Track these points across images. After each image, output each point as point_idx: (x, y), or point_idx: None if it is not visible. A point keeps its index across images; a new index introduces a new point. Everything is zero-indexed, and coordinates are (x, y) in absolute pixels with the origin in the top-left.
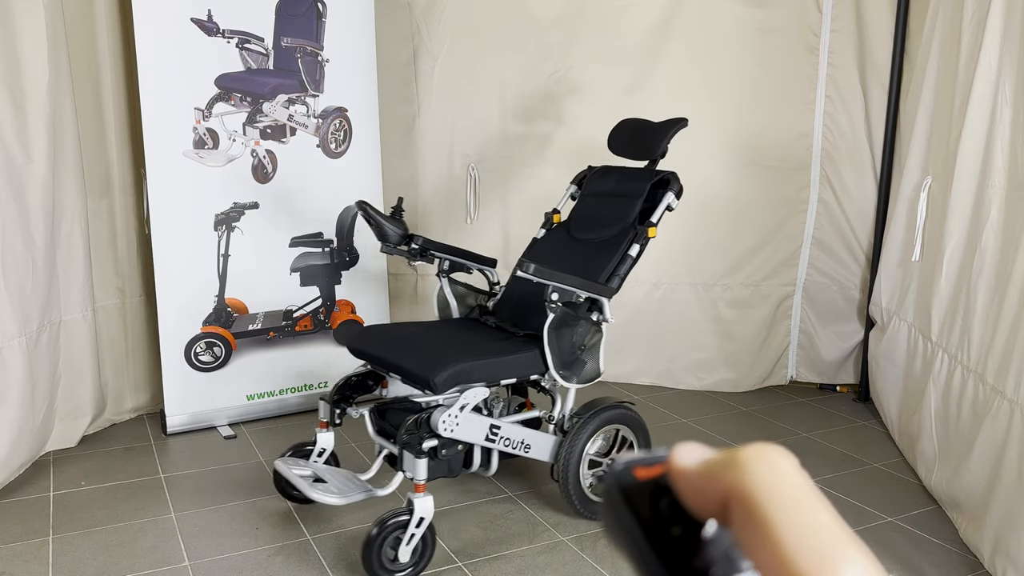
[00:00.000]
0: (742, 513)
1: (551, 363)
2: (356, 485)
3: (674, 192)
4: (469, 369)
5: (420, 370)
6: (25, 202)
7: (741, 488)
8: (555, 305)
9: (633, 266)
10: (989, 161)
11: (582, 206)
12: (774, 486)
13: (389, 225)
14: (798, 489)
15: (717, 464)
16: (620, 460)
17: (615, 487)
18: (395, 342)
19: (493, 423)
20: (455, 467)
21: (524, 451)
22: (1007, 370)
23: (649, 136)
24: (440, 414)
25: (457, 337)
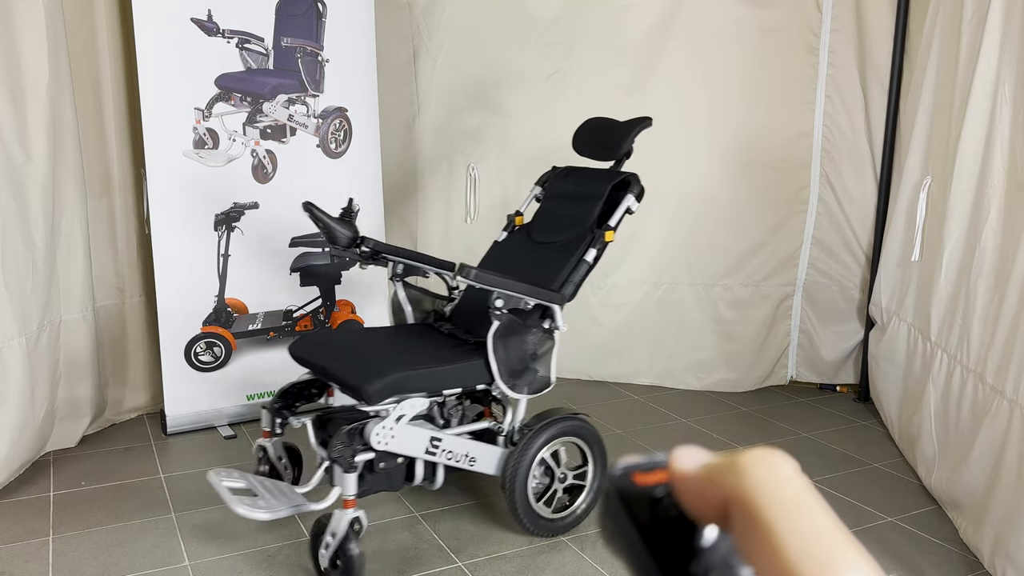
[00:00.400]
0: (743, 518)
1: (496, 373)
2: (289, 499)
3: (634, 194)
4: (407, 379)
5: (353, 379)
6: (25, 202)
7: (742, 493)
8: (499, 312)
9: (589, 271)
10: (988, 161)
11: (544, 208)
12: (775, 491)
13: (338, 226)
14: (799, 494)
15: (717, 468)
16: (619, 465)
17: (614, 492)
18: (334, 349)
19: (434, 435)
20: (395, 481)
21: (469, 464)
22: (1007, 370)
23: (612, 136)
24: (374, 426)
25: (403, 345)
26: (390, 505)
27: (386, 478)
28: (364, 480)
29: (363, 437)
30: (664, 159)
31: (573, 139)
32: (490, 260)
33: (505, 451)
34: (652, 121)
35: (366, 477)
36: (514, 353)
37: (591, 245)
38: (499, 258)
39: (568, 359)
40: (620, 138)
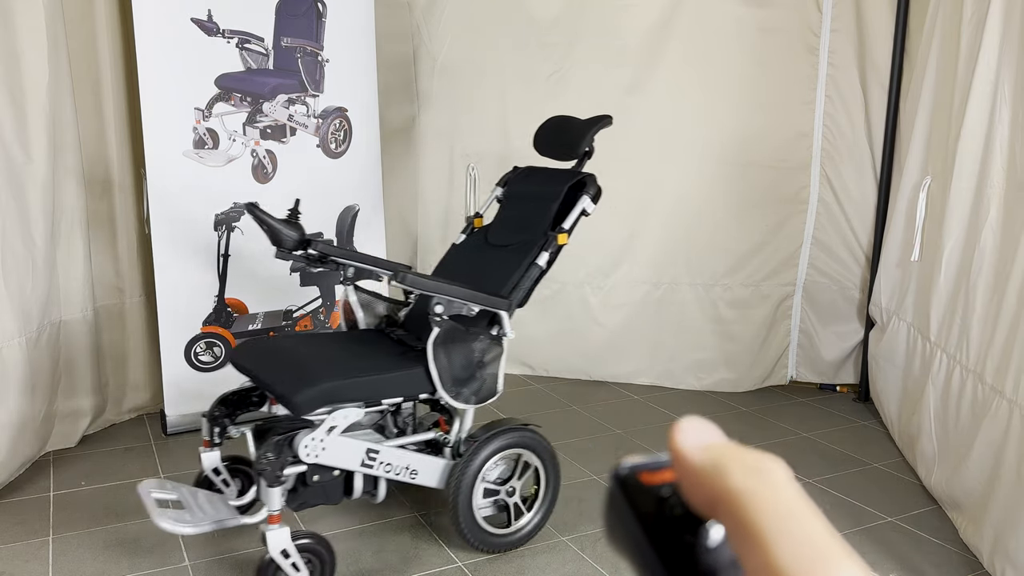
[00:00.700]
0: (734, 521)
1: (437, 382)
2: (220, 512)
3: (590, 195)
4: (339, 388)
5: (283, 388)
6: (25, 202)
7: (733, 497)
8: (439, 318)
9: (542, 276)
10: (988, 161)
11: (501, 209)
12: (767, 497)
13: (283, 228)
14: (791, 499)
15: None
16: (625, 463)
17: (620, 491)
18: (271, 356)
19: (371, 447)
20: (332, 494)
21: (410, 477)
22: (1006, 370)
23: (571, 135)
24: (303, 437)
25: (345, 352)
26: (390, 505)
27: (322, 492)
28: (298, 493)
29: (292, 449)
30: (664, 159)
31: (534, 138)
32: (446, 263)
33: (450, 463)
34: (612, 120)
35: (300, 490)
36: (458, 361)
37: (544, 248)
38: (454, 261)
39: (568, 359)
40: (579, 137)
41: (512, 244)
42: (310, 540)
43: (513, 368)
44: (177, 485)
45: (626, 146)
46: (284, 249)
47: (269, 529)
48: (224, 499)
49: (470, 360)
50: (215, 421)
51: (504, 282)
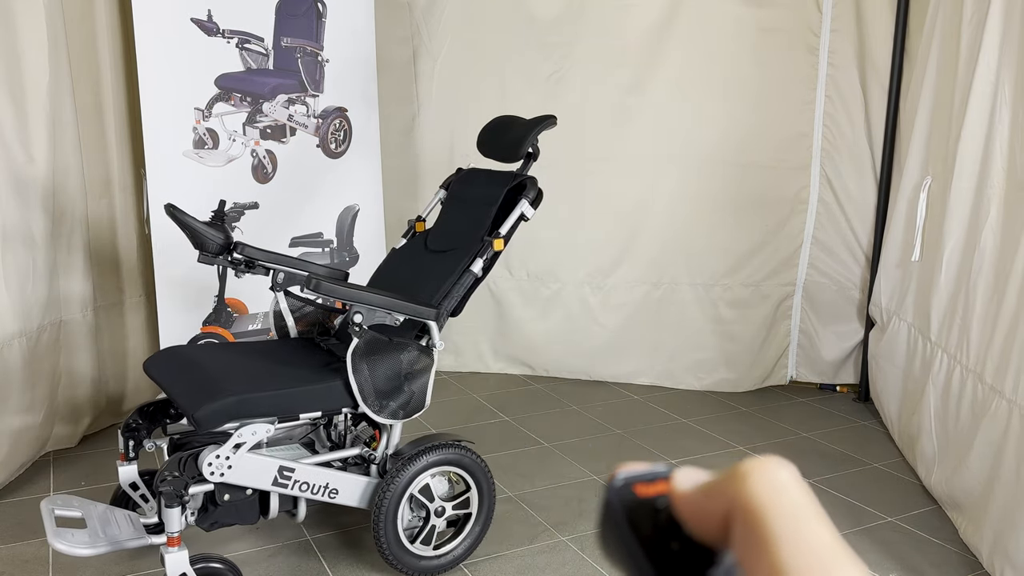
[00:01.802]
0: (742, 526)
1: (358, 395)
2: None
3: (529, 199)
4: (247, 402)
5: (186, 402)
6: (25, 202)
7: (741, 501)
8: (359, 328)
9: (477, 284)
10: (988, 161)
11: (441, 213)
12: (774, 499)
13: (206, 232)
14: (798, 503)
15: (717, 482)
16: (620, 475)
17: (617, 503)
18: (180, 367)
19: (284, 465)
20: (246, 515)
21: (329, 497)
22: (1006, 370)
23: (513, 135)
24: (207, 455)
25: (263, 362)
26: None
27: (235, 511)
28: (209, 513)
29: (197, 466)
30: (664, 159)
31: (477, 138)
32: (383, 268)
33: (376, 481)
34: (556, 120)
35: (210, 509)
36: (381, 373)
37: (479, 255)
38: (391, 267)
39: (568, 359)
40: (521, 138)
41: (449, 250)
42: (213, 563)
43: (513, 368)
44: (84, 501)
45: (626, 146)
46: (207, 253)
47: (167, 552)
48: (135, 518)
49: (395, 372)
50: (131, 433)
51: (435, 289)
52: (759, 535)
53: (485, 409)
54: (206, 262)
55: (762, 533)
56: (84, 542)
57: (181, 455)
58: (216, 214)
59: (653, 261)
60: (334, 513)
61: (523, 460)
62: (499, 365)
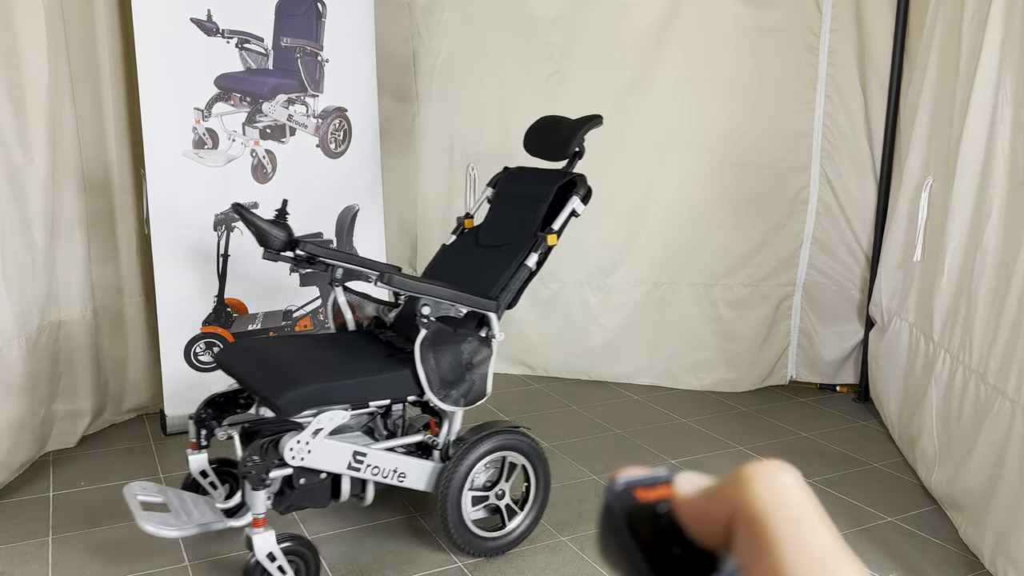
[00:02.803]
0: (745, 531)
1: (425, 384)
2: (206, 515)
3: (579, 196)
4: (324, 390)
5: (266, 391)
6: (25, 202)
7: (743, 504)
8: (427, 320)
9: (531, 277)
10: (990, 161)
11: (492, 210)
12: (776, 503)
13: (270, 229)
14: (800, 507)
15: (719, 486)
16: (620, 480)
17: (618, 507)
18: (256, 358)
19: (357, 449)
20: (319, 497)
21: (398, 480)
22: (1008, 370)
23: (561, 135)
24: (288, 440)
25: (331, 353)
26: (388, 506)
27: (309, 494)
28: (285, 496)
29: (278, 451)
30: (664, 159)
31: (524, 138)
32: (435, 264)
33: (439, 466)
34: (603, 120)
35: (287, 493)
36: (445, 363)
37: (533, 249)
38: (444, 262)
39: (568, 359)
40: (568, 137)
41: (502, 245)
42: (295, 543)
43: (513, 368)
44: (163, 488)
45: (626, 146)
46: (272, 250)
47: (254, 533)
48: (210, 502)
49: (458, 362)
50: (202, 423)
51: (493, 283)
52: (761, 540)
53: (485, 409)
54: (270, 258)
55: (764, 538)
56: (171, 524)
57: (263, 441)
58: (279, 213)
59: (653, 261)
60: (334, 513)
61: None
62: (499, 365)
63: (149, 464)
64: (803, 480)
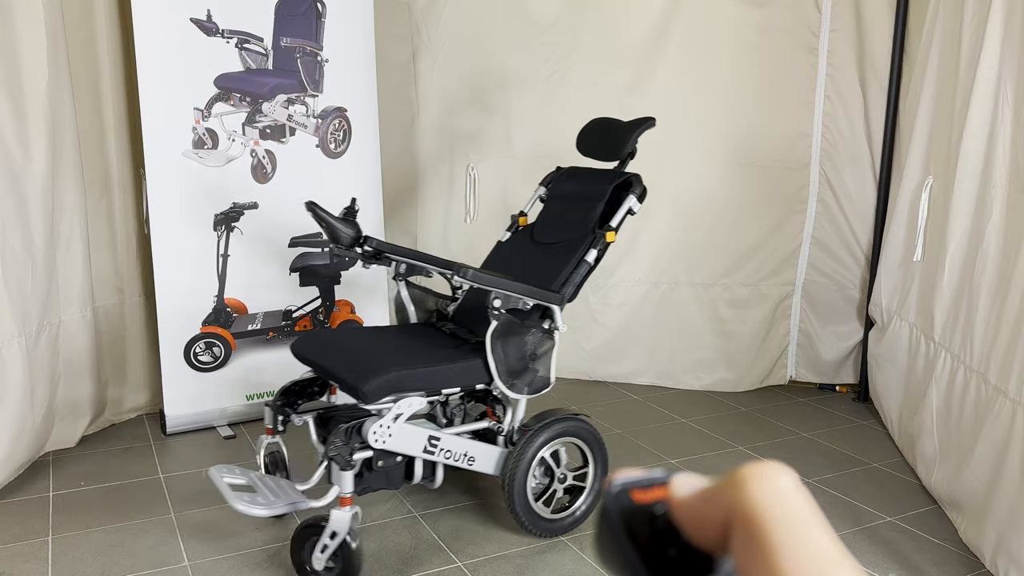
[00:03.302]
0: (742, 533)
1: (495, 373)
2: (289, 495)
3: (636, 195)
4: (404, 378)
5: (351, 378)
6: (25, 202)
7: (740, 507)
8: (497, 312)
9: (590, 272)
10: (991, 161)
11: (547, 208)
12: (773, 505)
13: (341, 226)
14: (798, 509)
15: (716, 488)
16: (617, 482)
17: (615, 509)
18: (334, 348)
19: (432, 434)
20: (394, 479)
21: (468, 464)
22: (1009, 370)
23: (615, 136)
24: (371, 424)
25: (402, 344)
26: (390, 505)
27: (385, 476)
28: (363, 478)
29: (361, 435)
30: (664, 159)
31: (577, 139)
32: (492, 260)
33: (504, 451)
34: (655, 121)
35: (365, 475)
36: (513, 353)
37: (592, 246)
38: (501, 258)
39: (568, 359)
40: (623, 138)
41: (559, 242)
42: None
43: None
44: (244, 470)
45: None
46: (341, 245)
47: (340, 510)
48: (291, 484)
49: (524, 352)
50: (278, 410)
51: (553, 278)
52: (758, 542)
53: None
54: (339, 254)
55: (762, 540)
56: (261, 504)
57: (347, 426)
58: (347, 210)
59: (653, 261)
60: None
61: None
62: None
63: (149, 464)
64: (800, 481)
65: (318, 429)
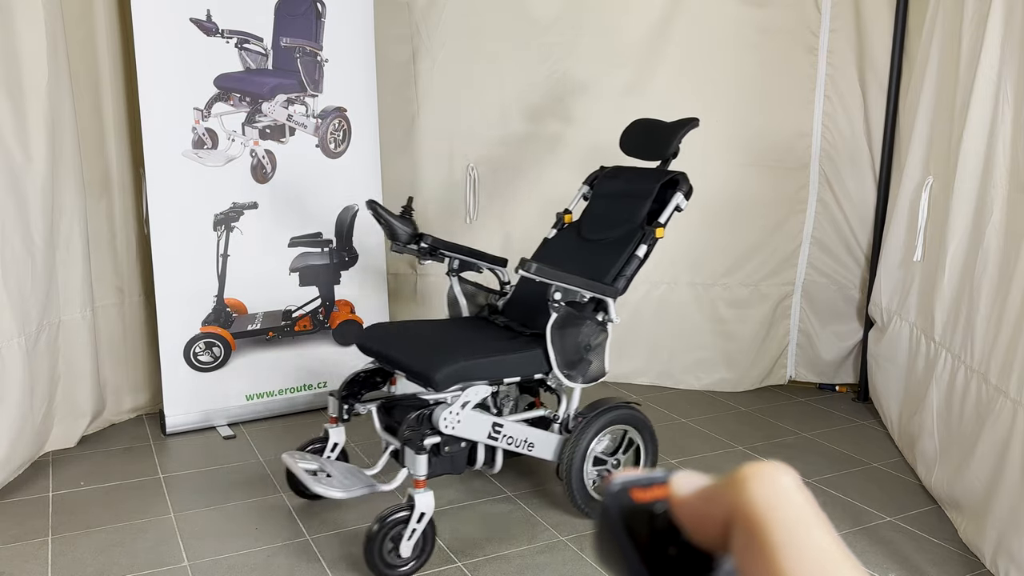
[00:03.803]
0: (743, 533)
1: (554, 362)
2: (360, 480)
3: (683, 192)
4: (471, 367)
5: (422, 367)
6: (24, 202)
7: (741, 506)
8: (558, 304)
9: (640, 266)
10: (991, 161)
11: (593, 206)
12: (775, 505)
13: (399, 224)
14: (799, 509)
15: (717, 486)
16: (616, 481)
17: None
18: (400, 339)
19: (496, 421)
20: (458, 464)
21: (528, 449)
22: (1010, 370)
23: (660, 136)
24: (442, 411)
25: (463, 335)
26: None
27: (450, 461)
28: (430, 463)
29: (431, 422)
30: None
31: (621, 139)
32: (540, 256)
33: (561, 438)
34: (699, 122)
35: (432, 460)
36: (570, 344)
37: (642, 241)
38: (549, 254)
39: None
40: (668, 138)
41: (608, 238)
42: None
43: None
44: (315, 456)
45: None
46: (399, 242)
47: (417, 492)
48: (357, 469)
49: (581, 343)
50: (344, 400)
51: (603, 272)
52: (759, 542)
53: None
54: (397, 251)
55: (763, 540)
56: (338, 486)
57: (418, 413)
58: (405, 209)
59: (653, 261)
60: (333, 513)
61: (523, 459)
62: None
63: (148, 464)
64: (801, 481)
65: (381, 418)
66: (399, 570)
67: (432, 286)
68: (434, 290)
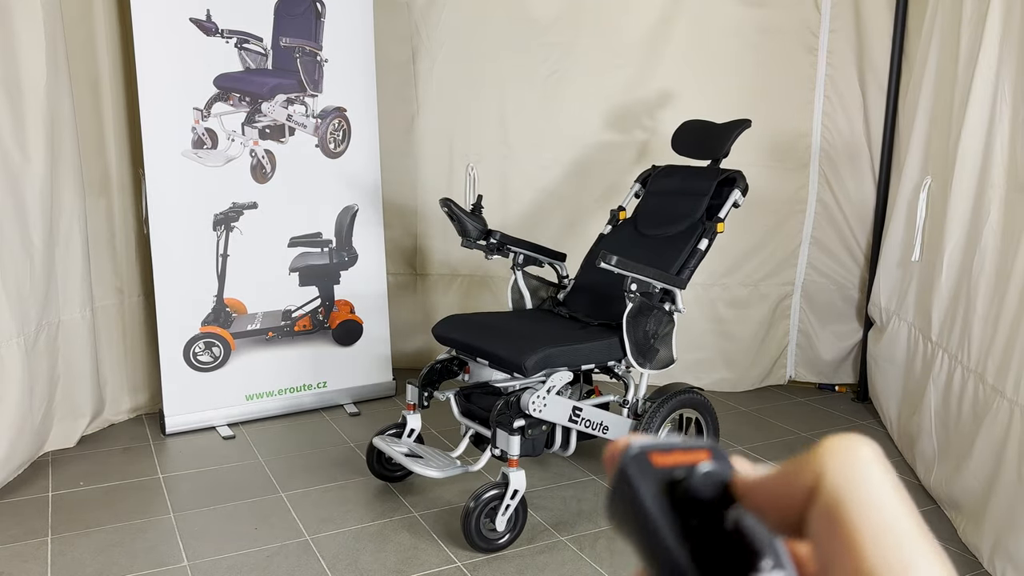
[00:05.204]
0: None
1: (629, 350)
2: (448, 461)
3: (740, 189)
4: (555, 354)
5: (511, 355)
6: (23, 202)
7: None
8: (633, 295)
9: (702, 259)
10: (989, 161)
11: (647, 203)
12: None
13: (471, 221)
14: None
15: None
16: (635, 444)
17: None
18: (481, 330)
19: (576, 405)
20: (538, 446)
21: (603, 432)
22: (1007, 370)
23: (714, 137)
24: (530, 396)
25: (536, 326)
26: (389, 505)
27: (531, 444)
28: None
29: (520, 406)
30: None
31: (673, 139)
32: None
33: (632, 421)
34: (751, 123)
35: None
36: (641, 332)
37: (704, 235)
38: (608, 249)
39: None
40: (721, 139)
41: (667, 233)
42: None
43: None
44: (404, 440)
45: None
46: (470, 239)
47: (511, 471)
48: (442, 453)
49: (652, 331)
50: (424, 388)
51: (668, 265)
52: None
53: None
54: (468, 246)
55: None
56: (433, 467)
57: (507, 398)
58: (475, 206)
59: None
60: (333, 512)
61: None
62: None
63: (148, 464)
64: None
65: (460, 404)
66: (496, 543)
67: (433, 285)
68: (435, 289)
